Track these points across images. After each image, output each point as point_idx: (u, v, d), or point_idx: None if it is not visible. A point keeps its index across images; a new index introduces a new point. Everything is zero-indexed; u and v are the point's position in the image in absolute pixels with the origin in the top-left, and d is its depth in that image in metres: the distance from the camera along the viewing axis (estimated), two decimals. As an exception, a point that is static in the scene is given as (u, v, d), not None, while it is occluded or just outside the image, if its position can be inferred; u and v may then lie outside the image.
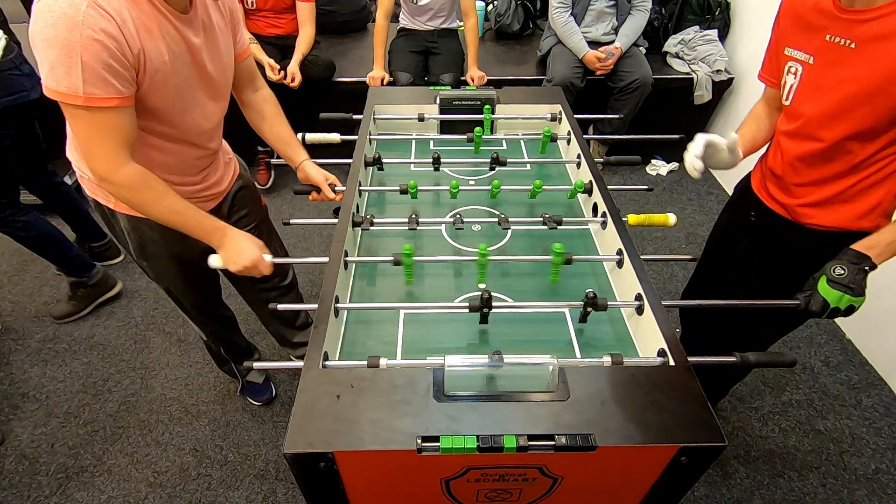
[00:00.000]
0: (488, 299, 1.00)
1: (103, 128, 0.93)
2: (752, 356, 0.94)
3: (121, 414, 1.82)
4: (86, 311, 2.18)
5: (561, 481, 0.86)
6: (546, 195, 1.45)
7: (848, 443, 1.77)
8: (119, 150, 0.96)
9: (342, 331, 1.08)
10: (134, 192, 1.01)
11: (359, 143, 1.50)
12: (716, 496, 1.62)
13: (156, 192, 1.04)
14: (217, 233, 1.12)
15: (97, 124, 0.92)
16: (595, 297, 1.01)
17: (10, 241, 2.48)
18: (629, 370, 0.89)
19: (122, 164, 0.97)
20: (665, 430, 0.78)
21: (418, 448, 0.75)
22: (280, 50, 2.63)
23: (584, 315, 1.06)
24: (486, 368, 0.87)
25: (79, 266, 2.11)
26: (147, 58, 0.94)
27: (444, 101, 1.70)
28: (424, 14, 2.68)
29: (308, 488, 0.85)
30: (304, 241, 2.62)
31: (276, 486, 1.63)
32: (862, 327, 2.09)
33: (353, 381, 0.84)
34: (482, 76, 2.67)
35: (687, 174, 3.13)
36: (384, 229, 1.34)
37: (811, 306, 1.03)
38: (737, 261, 1.41)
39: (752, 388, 1.94)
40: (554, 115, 1.73)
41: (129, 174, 0.98)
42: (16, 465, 1.67)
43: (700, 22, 2.92)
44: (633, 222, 1.29)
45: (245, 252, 1.13)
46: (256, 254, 1.14)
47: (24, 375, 1.95)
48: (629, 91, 2.66)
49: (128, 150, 0.98)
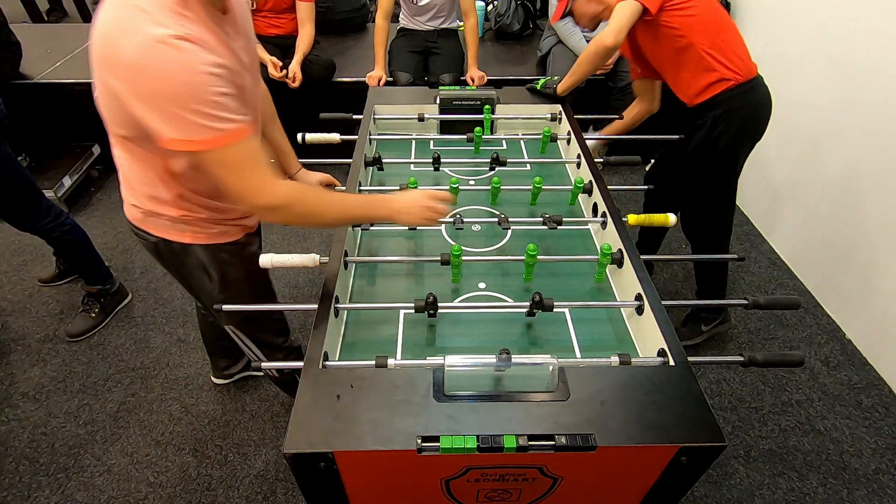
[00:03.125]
0: (433, 302, 1.03)
1: (250, 158, 0.88)
2: (759, 356, 0.94)
3: (121, 414, 1.82)
4: (104, 322, 2.13)
5: (561, 481, 0.86)
6: (546, 195, 1.45)
7: (848, 443, 1.77)
8: (269, 172, 0.91)
9: (342, 331, 1.08)
10: (303, 204, 0.96)
11: (359, 143, 1.50)
12: (716, 496, 1.62)
13: (314, 193, 1.00)
14: (384, 203, 1.06)
15: (245, 157, 0.87)
16: (542, 299, 1.02)
17: (10, 241, 2.49)
18: (629, 370, 0.89)
19: (277, 184, 0.92)
20: (665, 430, 0.78)
21: (418, 448, 0.75)
22: (280, 50, 2.63)
23: (530, 313, 1.08)
24: (485, 368, 0.87)
25: (105, 273, 2.11)
26: (234, 74, 0.89)
27: (444, 101, 1.70)
28: (424, 14, 2.68)
29: (308, 488, 0.85)
30: (304, 241, 2.62)
31: (276, 486, 1.63)
32: (862, 327, 2.09)
33: (352, 381, 0.84)
34: (482, 76, 2.67)
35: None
36: (384, 229, 1.34)
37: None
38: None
39: (752, 388, 1.94)
40: (554, 115, 1.73)
41: (287, 189, 0.94)
42: (16, 465, 1.67)
43: (700, 22, 2.92)
44: (633, 222, 1.29)
45: (416, 198, 1.06)
46: (419, 192, 1.08)
47: (24, 375, 1.94)
48: (629, 91, 2.66)
49: (271, 171, 0.93)
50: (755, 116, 1.63)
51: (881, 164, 1.93)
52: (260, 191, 0.91)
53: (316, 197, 0.99)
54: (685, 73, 1.59)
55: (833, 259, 2.20)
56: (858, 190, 2.05)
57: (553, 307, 1.03)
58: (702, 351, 2.08)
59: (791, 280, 2.42)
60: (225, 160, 0.86)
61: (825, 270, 2.26)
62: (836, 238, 2.18)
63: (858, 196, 2.05)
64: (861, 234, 2.04)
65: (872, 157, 1.97)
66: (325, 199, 1.01)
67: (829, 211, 2.20)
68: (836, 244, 2.18)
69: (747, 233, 2.64)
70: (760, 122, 1.66)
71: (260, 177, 0.90)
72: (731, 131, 1.60)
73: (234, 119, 0.84)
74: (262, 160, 0.91)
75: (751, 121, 1.63)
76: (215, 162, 0.86)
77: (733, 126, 1.59)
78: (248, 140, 0.88)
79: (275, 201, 0.92)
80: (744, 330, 2.16)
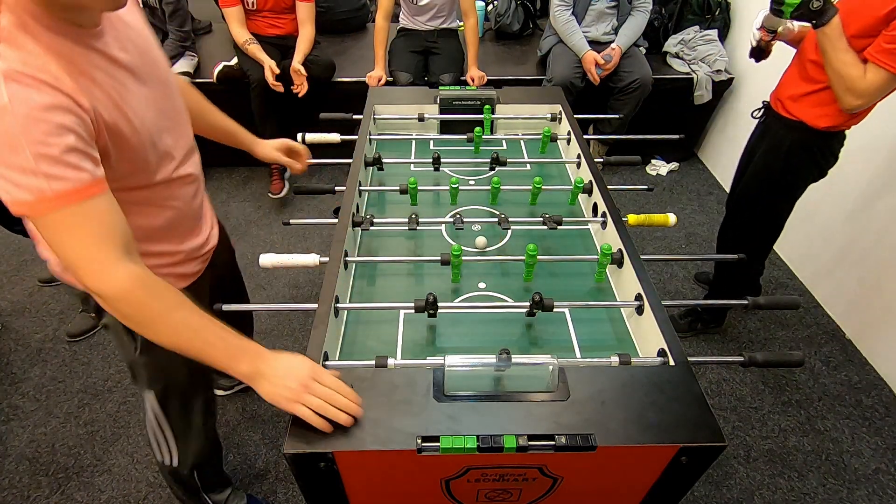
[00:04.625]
0: (433, 302, 1.01)
1: (88, 223, 0.70)
2: (759, 355, 0.94)
3: (121, 414, 1.82)
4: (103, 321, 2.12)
5: (561, 481, 0.86)
6: (546, 195, 1.45)
7: (848, 443, 1.77)
8: (114, 247, 0.72)
9: (342, 331, 1.08)
10: (144, 308, 0.76)
11: (359, 143, 1.50)
12: (716, 496, 1.62)
13: (166, 301, 0.77)
14: (248, 354, 0.80)
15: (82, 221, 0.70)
16: (542, 299, 1.02)
17: (10, 242, 2.49)
18: (629, 370, 0.89)
19: (118, 267, 0.73)
20: (665, 430, 0.78)
21: (418, 448, 0.75)
22: (280, 50, 2.63)
23: (530, 313, 1.07)
24: (485, 368, 0.87)
25: None
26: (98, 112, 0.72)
27: (444, 101, 1.70)
28: (424, 14, 2.68)
29: (308, 488, 0.85)
30: (304, 241, 2.62)
31: (276, 486, 1.63)
32: (862, 327, 2.09)
33: (352, 381, 0.83)
34: (482, 76, 2.67)
35: (686, 174, 3.13)
36: (384, 229, 1.34)
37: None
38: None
39: (752, 388, 1.94)
40: (554, 115, 1.73)
41: (123, 278, 0.73)
42: (16, 465, 1.67)
43: (700, 22, 2.92)
44: (633, 222, 1.29)
45: (295, 368, 0.79)
46: (309, 364, 0.80)
47: (24, 375, 1.95)
48: (629, 91, 2.66)
49: (120, 246, 0.73)
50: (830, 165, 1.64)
51: (881, 164, 1.93)
52: (89, 269, 0.72)
53: (168, 308, 0.77)
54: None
55: (833, 259, 2.20)
56: (859, 190, 2.05)
57: (553, 307, 1.03)
58: (702, 351, 2.08)
59: (791, 280, 2.42)
60: (54, 225, 0.69)
61: (825, 270, 2.26)
62: (836, 238, 2.18)
63: (859, 196, 2.05)
64: (861, 233, 2.05)
65: (872, 157, 1.97)
66: (178, 316, 0.78)
67: (829, 211, 2.20)
68: (836, 244, 2.18)
69: (747, 233, 2.64)
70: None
71: (95, 250, 0.71)
72: (818, 167, 1.61)
73: (74, 173, 0.67)
74: (109, 228, 0.72)
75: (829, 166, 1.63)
76: (47, 226, 0.69)
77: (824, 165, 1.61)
78: (95, 200, 0.70)
79: (106, 288, 0.73)
80: (744, 330, 2.16)
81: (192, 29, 2.76)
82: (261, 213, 2.79)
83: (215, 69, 2.65)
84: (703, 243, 2.63)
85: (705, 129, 3.19)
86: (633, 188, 2.59)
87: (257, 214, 2.77)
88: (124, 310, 0.76)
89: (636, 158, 1.59)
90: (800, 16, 1.35)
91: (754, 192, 1.75)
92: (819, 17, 1.32)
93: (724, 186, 3.00)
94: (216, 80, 2.66)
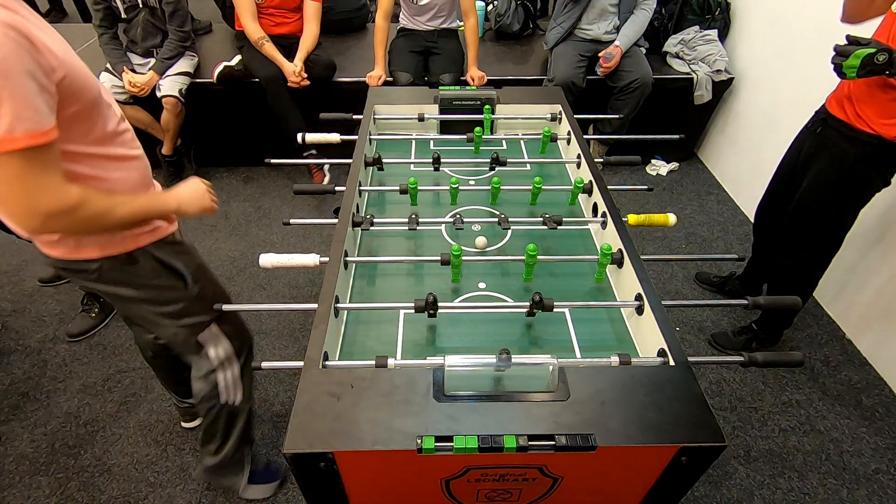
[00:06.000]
0: (433, 302, 1.02)
1: (46, 167, 0.81)
2: (759, 356, 0.94)
3: (121, 414, 1.82)
4: (105, 322, 2.13)
5: (561, 481, 0.86)
6: (546, 195, 1.45)
7: (848, 443, 1.77)
8: (62, 177, 0.84)
9: (342, 331, 1.08)
10: (94, 203, 0.89)
11: (359, 143, 1.50)
12: (716, 496, 1.62)
13: (106, 197, 0.92)
14: (168, 198, 1.06)
15: (38, 167, 0.80)
16: (542, 299, 1.02)
17: (10, 242, 2.49)
18: (629, 370, 0.89)
19: (67, 187, 0.85)
20: (665, 430, 0.78)
21: (418, 448, 0.75)
22: (283, 49, 2.63)
23: (530, 313, 1.08)
24: (486, 368, 0.87)
25: None
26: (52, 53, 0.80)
27: (444, 101, 1.70)
28: (424, 14, 2.68)
29: (308, 488, 0.85)
30: (304, 241, 2.62)
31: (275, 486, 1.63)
32: (862, 327, 2.09)
33: (353, 382, 0.84)
34: (482, 76, 2.67)
35: (686, 174, 3.13)
36: (384, 229, 1.34)
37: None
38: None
39: (752, 388, 1.94)
40: (554, 115, 1.73)
41: (76, 192, 0.86)
42: (16, 465, 1.67)
43: (700, 22, 2.92)
44: (633, 222, 1.29)
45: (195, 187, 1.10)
46: (197, 179, 1.12)
47: (24, 375, 1.95)
48: (629, 91, 2.66)
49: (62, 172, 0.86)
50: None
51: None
52: (51, 197, 0.83)
53: (111, 200, 0.93)
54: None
55: (833, 259, 2.20)
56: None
57: (553, 307, 1.03)
58: (702, 351, 2.08)
59: (791, 280, 2.41)
60: (18, 166, 0.78)
61: (825, 270, 2.26)
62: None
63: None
64: (861, 233, 2.04)
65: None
66: (118, 200, 0.94)
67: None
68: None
69: (748, 233, 2.64)
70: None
71: (57, 181, 0.83)
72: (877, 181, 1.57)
73: (44, 117, 0.78)
74: (60, 164, 0.85)
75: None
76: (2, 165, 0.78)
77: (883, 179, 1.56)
78: (54, 145, 0.82)
79: (61, 205, 0.84)
80: (744, 330, 2.16)
81: (192, 29, 2.75)
82: (261, 213, 2.79)
83: (216, 69, 2.65)
84: (703, 243, 2.63)
85: (705, 129, 3.19)
86: (633, 188, 2.59)
87: (257, 214, 2.78)
88: (85, 213, 0.88)
89: (636, 158, 1.59)
90: (868, 73, 1.31)
91: (818, 205, 1.68)
92: (891, 67, 1.29)
93: (724, 186, 3.00)
94: (216, 80, 2.66)
